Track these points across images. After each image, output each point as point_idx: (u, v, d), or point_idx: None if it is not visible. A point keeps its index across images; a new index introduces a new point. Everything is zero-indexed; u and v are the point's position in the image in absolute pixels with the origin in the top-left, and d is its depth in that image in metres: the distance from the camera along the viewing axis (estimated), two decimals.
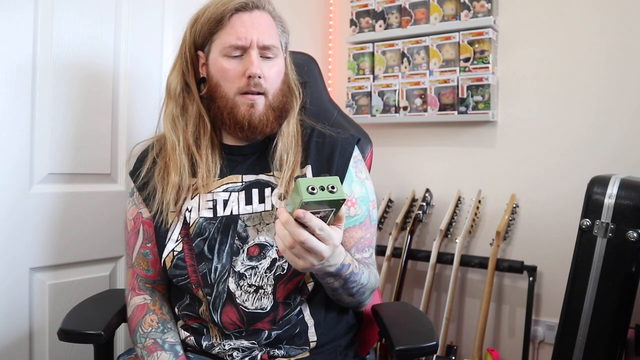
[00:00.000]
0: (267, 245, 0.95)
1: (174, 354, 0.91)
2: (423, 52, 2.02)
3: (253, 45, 0.95)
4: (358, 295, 0.96)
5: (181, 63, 1.02)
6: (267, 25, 0.98)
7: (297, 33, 1.10)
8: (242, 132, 0.97)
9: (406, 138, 2.14)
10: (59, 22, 1.24)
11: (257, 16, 0.97)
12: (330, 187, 0.72)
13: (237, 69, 0.95)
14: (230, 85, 0.96)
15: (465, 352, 1.99)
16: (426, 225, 2.08)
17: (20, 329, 1.21)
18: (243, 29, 0.95)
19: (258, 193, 0.98)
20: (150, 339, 0.93)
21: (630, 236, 1.29)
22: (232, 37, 0.95)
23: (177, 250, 0.96)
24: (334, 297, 0.97)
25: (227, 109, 0.96)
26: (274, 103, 0.98)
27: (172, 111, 1.01)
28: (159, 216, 0.98)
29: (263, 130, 0.98)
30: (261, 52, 0.96)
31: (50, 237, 1.25)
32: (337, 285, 0.90)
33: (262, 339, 0.93)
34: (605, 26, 1.74)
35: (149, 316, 0.97)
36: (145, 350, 0.92)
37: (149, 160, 1.03)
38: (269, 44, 0.96)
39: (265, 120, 0.97)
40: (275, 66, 0.99)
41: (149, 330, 0.94)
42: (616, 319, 1.31)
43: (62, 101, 1.26)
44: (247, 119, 0.95)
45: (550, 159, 1.84)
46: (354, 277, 0.90)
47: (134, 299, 1.00)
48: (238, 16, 0.96)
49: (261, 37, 0.95)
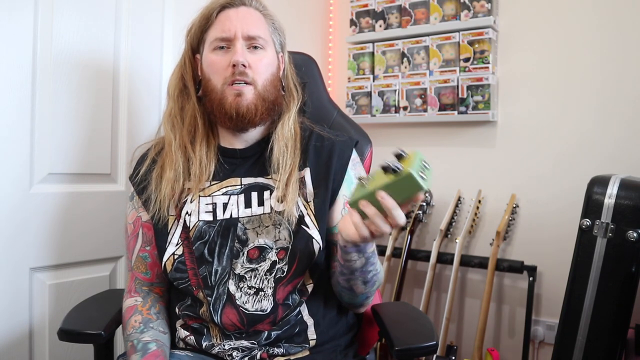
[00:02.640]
0: (267, 248, 0.95)
1: (143, 352, 0.88)
2: (423, 52, 2.02)
3: (237, 36, 0.97)
4: (370, 286, 0.96)
5: (181, 67, 1.06)
6: (253, 19, 1.01)
7: (297, 33, 1.10)
8: (231, 122, 0.98)
9: (406, 138, 2.14)
10: (59, 22, 1.24)
11: (242, 11, 1.00)
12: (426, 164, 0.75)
13: (223, 60, 0.97)
14: (218, 78, 0.98)
15: (465, 352, 1.99)
16: (426, 225, 2.08)
17: (20, 329, 1.21)
18: (228, 22, 0.99)
19: (257, 196, 0.99)
20: (130, 341, 0.92)
21: (630, 236, 1.29)
22: (218, 31, 0.99)
23: (178, 254, 0.96)
24: (348, 285, 0.95)
25: (216, 101, 0.98)
26: (263, 94, 0.99)
27: (171, 111, 1.04)
28: (158, 214, 0.98)
29: (252, 120, 0.98)
30: (248, 44, 0.98)
31: (50, 237, 1.25)
32: (358, 264, 0.90)
33: (262, 339, 0.93)
34: (605, 26, 1.74)
35: (134, 317, 0.96)
36: (127, 354, 0.92)
37: (148, 160, 1.04)
38: (254, 34, 0.98)
39: (254, 109, 0.97)
40: (263, 58, 1.00)
41: (130, 332, 0.94)
42: (616, 319, 1.31)
43: (62, 101, 1.26)
44: (234, 108, 0.96)
45: (550, 159, 1.84)
46: (373, 259, 0.92)
47: (126, 301, 1.01)
48: (224, 12, 1.00)
49: (246, 28, 0.98)
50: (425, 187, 0.72)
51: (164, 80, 1.48)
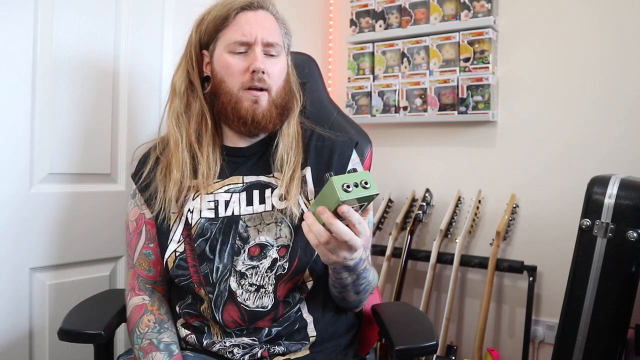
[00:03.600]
0: (268, 245, 0.95)
1: (169, 353, 0.91)
2: (423, 52, 2.02)
3: (257, 42, 0.97)
4: (363, 294, 0.96)
5: (186, 62, 1.04)
6: (270, 24, 1.01)
7: (297, 33, 1.11)
8: (245, 128, 0.98)
9: (406, 138, 2.14)
10: (59, 21, 1.24)
11: (261, 15, 1.00)
12: (364, 183, 0.74)
13: (242, 65, 0.97)
14: (234, 81, 0.98)
15: (465, 352, 1.99)
16: (426, 225, 2.08)
17: (20, 329, 1.21)
18: (248, 26, 0.98)
19: (259, 194, 0.99)
20: (147, 339, 0.93)
21: (630, 236, 1.29)
22: (237, 33, 0.98)
23: (179, 251, 0.96)
24: (340, 295, 0.97)
25: (231, 104, 0.98)
26: (277, 100, 1.00)
27: (177, 109, 1.03)
28: (162, 214, 0.98)
29: (266, 126, 0.99)
30: (265, 50, 0.98)
31: (50, 237, 1.25)
32: (349, 280, 0.91)
33: (263, 335, 0.94)
34: (605, 26, 1.74)
35: (147, 316, 0.97)
36: (142, 351, 0.92)
37: (151, 160, 1.04)
38: (273, 41, 0.99)
39: (269, 116, 0.98)
40: (278, 64, 1.01)
41: (145, 330, 0.94)
42: (616, 319, 1.31)
43: (62, 101, 1.26)
44: (250, 114, 0.97)
45: (550, 158, 1.84)
46: (365, 274, 0.92)
47: (132, 299, 1.00)
48: (243, 14, 0.99)
49: (265, 34, 0.98)
50: (341, 198, 0.73)
51: (164, 80, 1.48)
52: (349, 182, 0.73)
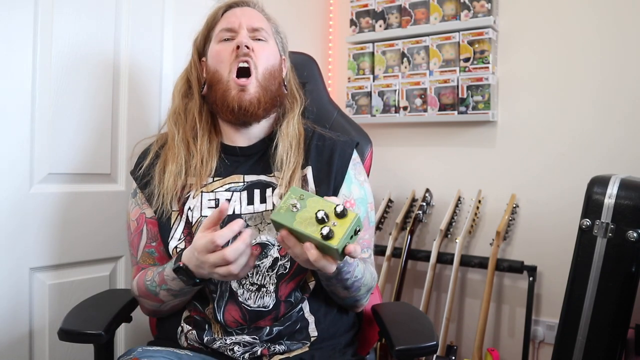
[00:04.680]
0: (269, 244, 0.95)
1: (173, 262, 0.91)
2: (423, 52, 2.02)
3: (242, 26, 1.02)
4: (353, 290, 0.96)
5: (187, 70, 1.11)
6: (257, 16, 1.06)
7: (297, 33, 1.12)
8: (232, 115, 1.00)
9: (406, 138, 2.14)
10: (59, 21, 1.24)
11: (247, 9, 1.07)
12: (357, 230, 0.77)
13: (228, 48, 1.01)
14: (224, 67, 1.00)
15: (465, 352, 1.99)
16: (426, 225, 2.08)
17: (20, 329, 1.21)
18: (233, 17, 1.04)
19: (259, 193, 1.00)
20: (156, 275, 0.95)
21: (630, 236, 1.29)
22: (223, 24, 1.04)
23: (180, 248, 0.97)
24: (329, 288, 0.97)
25: (220, 92, 1.00)
26: (264, 83, 1.01)
27: (176, 109, 1.07)
28: (161, 208, 0.99)
29: (255, 113, 1.00)
30: (251, 35, 1.02)
31: (50, 237, 1.25)
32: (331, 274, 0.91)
33: (264, 334, 0.94)
34: (605, 26, 1.74)
35: (148, 271, 0.99)
36: (157, 285, 0.94)
37: (151, 154, 1.06)
38: (258, 26, 1.04)
39: (257, 102, 0.99)
40: (266, 48, 1.03)
41: (151, 276, 0.96)
42: (616, 319, 1.31)
43: (62, 101, 1.26)
44: (236, 101, 0.98)
45: (550, 158, 1.85)
46: (348, 268, 0.90)
47: (136, 277, 1.02)
48: (230, 11, 1.06)
49: (250, 21, 1.03)
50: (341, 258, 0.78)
51: (164, 80, 1.48)
52: (352, 234, 0.75)
